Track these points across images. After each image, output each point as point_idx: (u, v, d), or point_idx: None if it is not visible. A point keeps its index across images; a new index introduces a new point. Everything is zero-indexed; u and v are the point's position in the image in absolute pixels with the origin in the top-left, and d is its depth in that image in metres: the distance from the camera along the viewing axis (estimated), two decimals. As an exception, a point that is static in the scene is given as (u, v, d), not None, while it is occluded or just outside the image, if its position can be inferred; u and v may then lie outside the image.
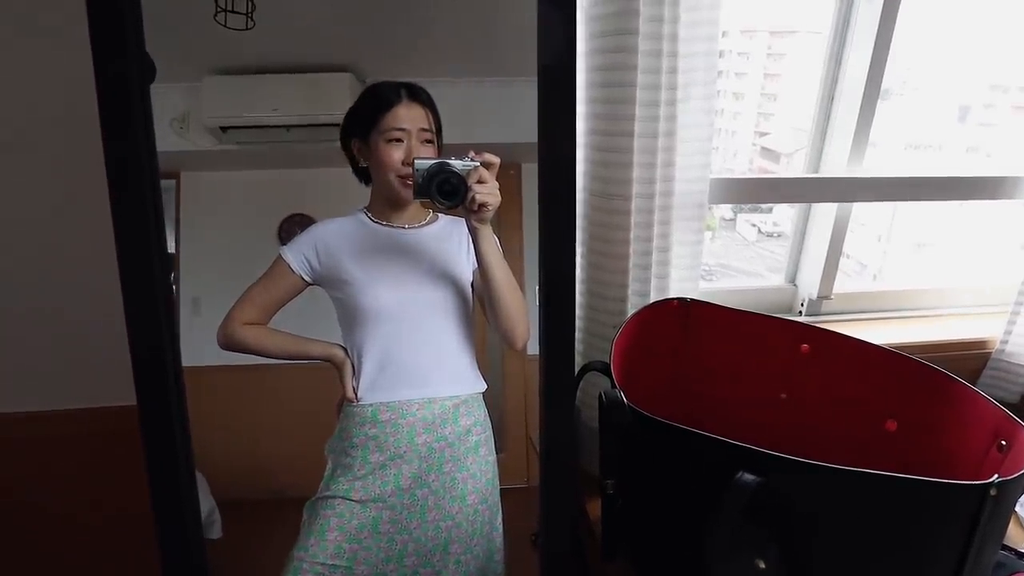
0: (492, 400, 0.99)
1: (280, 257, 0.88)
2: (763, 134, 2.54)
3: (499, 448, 0.98)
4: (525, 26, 0.73)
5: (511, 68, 0.91)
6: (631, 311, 1.01)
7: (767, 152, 2.47)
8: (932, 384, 0.82)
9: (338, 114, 0.93)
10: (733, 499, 0.62)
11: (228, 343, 0.88)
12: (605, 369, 0.85)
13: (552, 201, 0.73)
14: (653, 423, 0.71)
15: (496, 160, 0.80)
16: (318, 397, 1.02)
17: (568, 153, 0.72)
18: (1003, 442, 0.70)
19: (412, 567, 0.87)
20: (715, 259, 2.38)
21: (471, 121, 0.95)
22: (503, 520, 0.94)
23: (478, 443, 0.91)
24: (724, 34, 1.82)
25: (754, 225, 2.66)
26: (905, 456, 0.81)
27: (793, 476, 0.62)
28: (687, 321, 0.99)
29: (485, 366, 0.98)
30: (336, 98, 0.94)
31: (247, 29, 0.88)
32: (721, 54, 1.71)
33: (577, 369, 0.91)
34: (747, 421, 0.92)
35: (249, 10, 0.86)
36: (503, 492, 0.95)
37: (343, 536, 0.86)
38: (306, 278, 0.88)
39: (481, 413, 0.92)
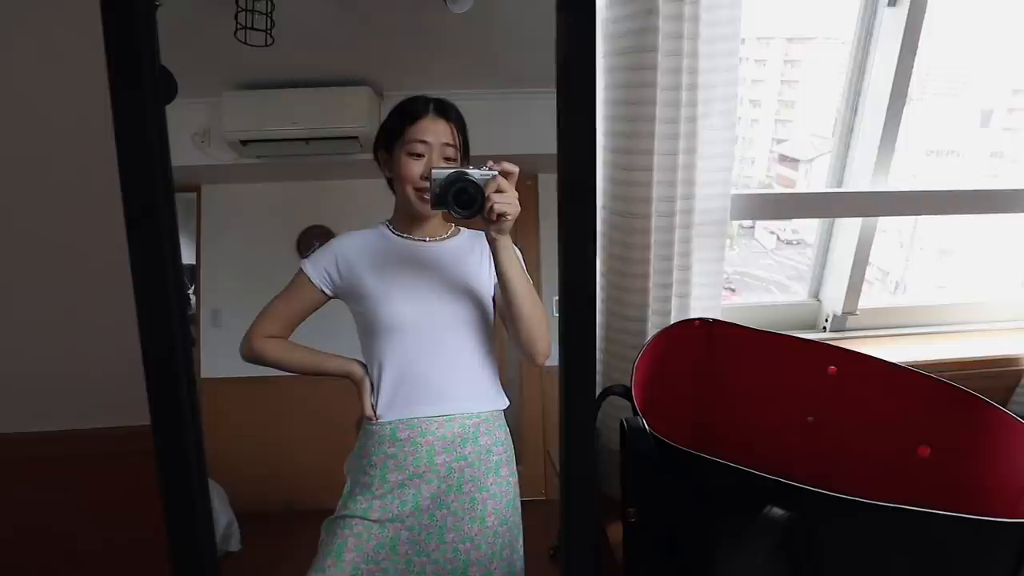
0: (510, 412, 0.97)
1: (301, 270, 0.87)
2: (781, 141, 2.51)
3: (518, 460, 0.96)
4: (543, 38, 0.73)
5: (528, 79, 0.90)
6: (652, 331, 0.99)
7: (785, 159, 2.44)
8: (967, 409, 0.79)
9: (355, 127, 0.95)
10: (761, 535, 0.60)
11: (250, 356, 0.88)
12: (626, 393, 0.83)
13: (571, 215, 0.71)
14: (677, 452, 0.69)
15: (515, 169, 0.79)
16: (337, 410, 1.02)
17: (587, 162, 0.71)
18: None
19: None
20: (733, 268, 2.35)
21: (489, 132, 0.95)
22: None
23: (499, 463, 0.89)
24: (741, 41, 1.81)
25: (773, 232, 2.62)
26: (939, 483, 0.79)
27: (824, 511, 0.60)
28: (710, 342, 0.97)
29: (503, 378, 0.96)
30: (353, 112, 0.95)
31: (267, 46, 0.89)
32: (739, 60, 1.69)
33: (598, 392, 0.89)
34: (773, 445, 0.90)
35: (268, 27, 0.88)
36: (522, 504, 0.93)
37: (360, 557, 0.84)
38: (327, 291, 0.87)
39: (502, 432, 0.90)
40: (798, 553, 0.61)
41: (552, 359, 0.90)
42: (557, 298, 0.89)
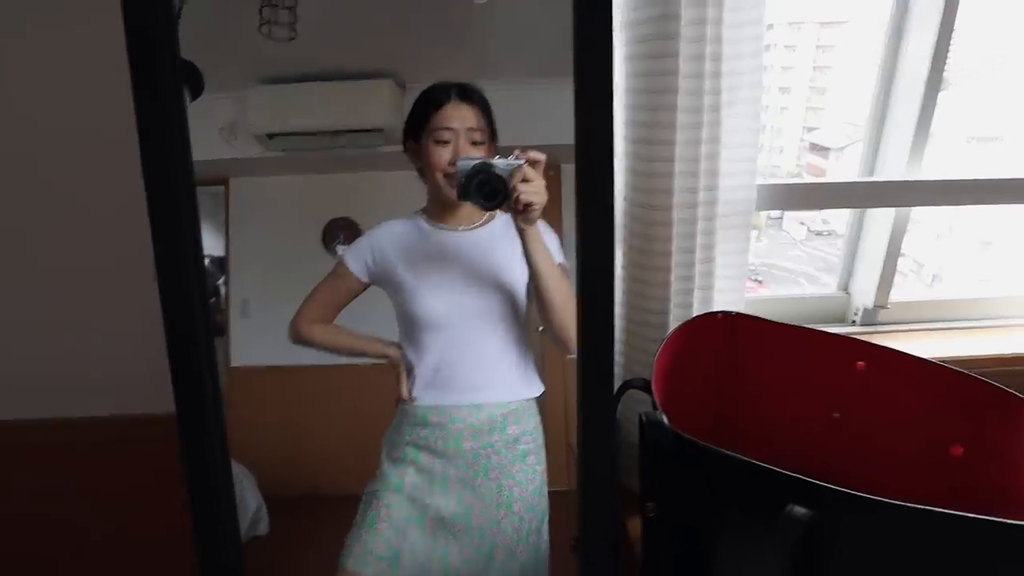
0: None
1: (341, 260, 0.91)
2: (811, 129, 2.44)
3: None
4: (564, 28, 0.72)
5: (551, 70, 0.87)
6: (673, 325, 0.97)
7: (816, 147, 2.37)
8: (1004, 408, 0.76)
9: (379, 120, 0.95)
10: (782, 534, 0.58)
11: (297, 340, 0.92)
12: (646, 387, 0.81)
13: (588, 206, 0.70)
14: (697, 448, 0.67)
15: (542, 157, 0.79)
16: (363, 399, 1.05)
17: (604, 153, 0.69)
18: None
19: (455, 569, 0.88)
20: (761, 259, 2.29)
21: (511, 123, 0.94)
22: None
23: (526, 452, 0.90)
24: (769, 27, 1.76)
25: (802, 223, 2.56)
26: (972, 484, 0.76)
27: (849, 511, 0.58)
28: (733, 336, 0.95)
29: None
30: (377, 104, 0.96)
31: (290, 40, 0.90)
32: (767, 48, 1.65)
33: (617, 385, 0.87)
34: (797, 441, 0.88)
35: (292, 21, 0.89)
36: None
37: (391, 528, 0.88)
38: (364, 280, 0.90)
39: (532, 422, 0.91)
40: (820, 553, 0.59)
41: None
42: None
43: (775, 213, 2.60)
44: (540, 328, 0.90)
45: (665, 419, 0.70)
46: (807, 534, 0.58)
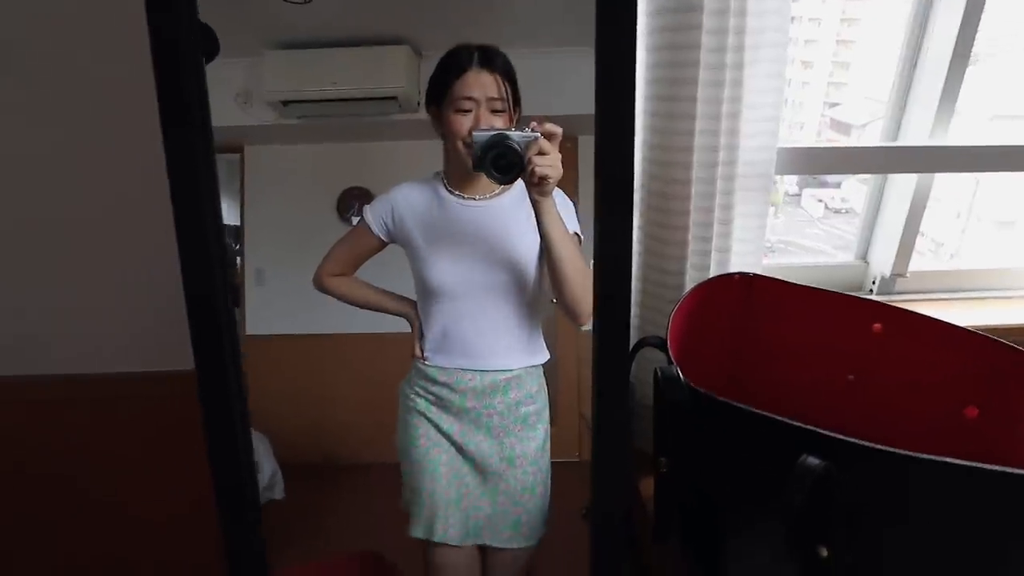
0: (545, 375, 0.99)
1: (361, 217, 0.92)
2: (833, 105, 2.39)
3: (552, 422, 0.98)
4: None
5: (569, 38, 0.88)
6: (689, 286, 0.97)
7: (837, 124, 2.33)
8: (1016, 367, 0.76)
9: (394, 87, 0.95)
10: (795, 484, 0.59)
11: (319, 288, 0.95)
12: (661, 345, 0.82)
13: (608, 167, 0.70)
14: (710, 401, 0.68)
15: (558, 131, 0.78)
16: (375, 367, 1.08)
17: (626, 122, 0.68)
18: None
19: (464, 509, 0.93)
20: (777, 236, 2.27)
21: (529, 92, 0.92)
22: (552, 493, 0.97)
23: (527, 414, 0.93)
24: None
25: (820, 200, 2.53)
26: (987, 446, 0.76)
27: (860, 461, 0.59)
28: (749, 297, 0.94)
29: None
30: (393, 71, 0.95)
31: (306, 2, 0.90)
32: (792, 20, 1.61)
33: (632, 344, 0.88)
34: (810, 404, 0.88)
35: None
36: (555, 465, 0.97)
37: (423, 481, 0.93)
38: (383, 238, 0.91)
39: (534, 385, 0.93)
40: (831, 504, 0.60)
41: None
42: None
43: (793, 190, 2.57)
44: (553, 299, 0.91)
45: (680, 373, 0.71)
46: (819, 485, 0.59)
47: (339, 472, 1.11)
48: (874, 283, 1.33)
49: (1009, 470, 0.54)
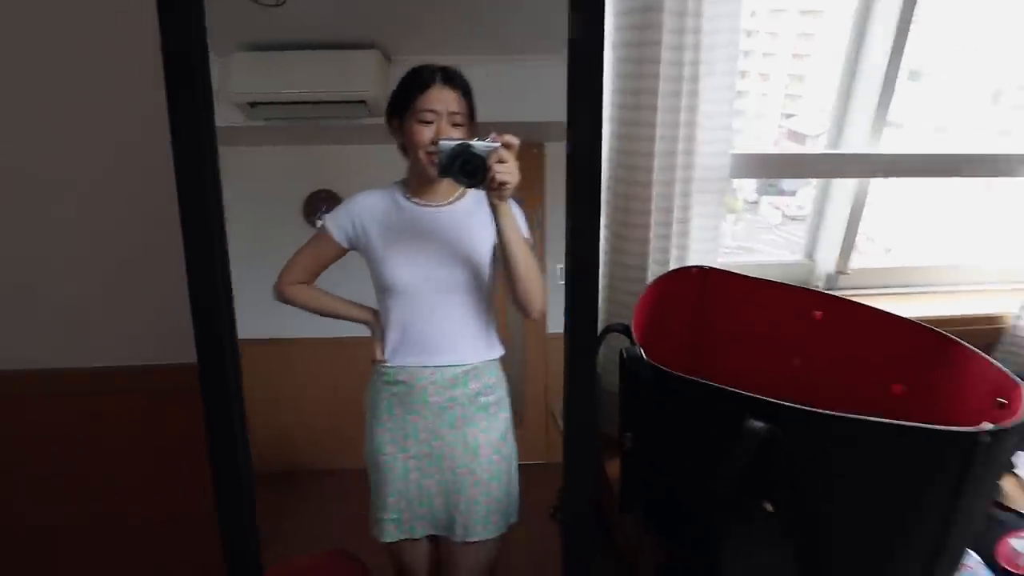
0: (512, 379, 1.03)
1: (323, 224, 0.95)
2: (789, 116, 2.51)
3: (518, 424, 1.03)
4: (552, 5, 0.76)
5: (537, 47, 0.92)
6: (651, 279, 1.06)
7: (793, 134, 2.45)
8: (937, 348, 0.86)
9: (363, 91, 0.97)
10: (743, 444, 0.68)
11: (280, 299, 0.97)
12: (626, 331, 0.89)
13: (578, 172, 0.78)
14: (670, 377, 0.76)
15: (516, 141, 0.85)
16: (337, 371, 1.09)
17: (594, 128, 0.76)
18: (1002, 400, 0.74)
19: (440, 507, 0.98)
20: (737, 242, 2.38)
21: (497, 99, 0.97)
22: (520, 493, 1.02)
23: (487, 403, 0.98)
24: (752, 13, 1.81)
25: (778, 208, 2.65)
26: (909, 418, 0.85)
27: (797, 423, 0.68)
28: (705, 289, 1.04)
29: (506, 346, 1.02)
30: (363, 75, 0.97)
31: (277, 5, 0.90)
32: (749, 33, 1.71)
33: (600, 330, 0.96)
34: (762, 385, 0.97)
35: None
36: (522, 467, 1.02)
37: (389, 490, 0.97)
38: (344, 245, 0.95)
39: (494, 377, 0.99)
40: (775, 463, 0.69)
41: (554, 325, 0.97)
42: (560, 266, 0.96)
43: (751, 198, 2.69)
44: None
45: (643, 353, 0.79)
46: (764, 445, 0.68)
47: (303, 479, 1.12)
48: (820, 280, 1.44)
49: (914, 424, 0.64)
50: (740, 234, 2.53)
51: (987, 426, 0.64)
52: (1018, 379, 0.75)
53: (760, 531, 0.74)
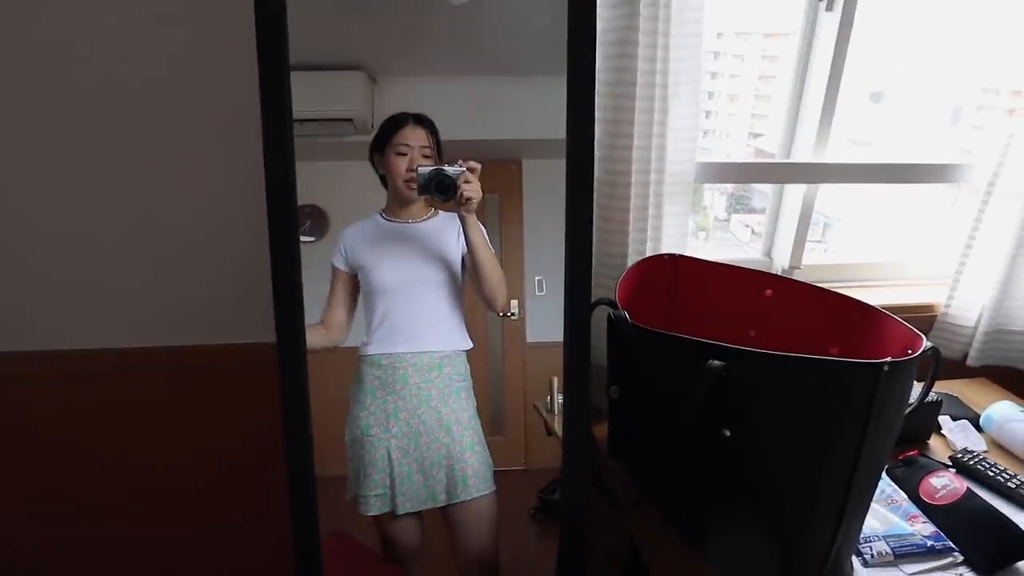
0: (492, 389, 1.19)
1: (333, 266, 1.14)
2: (757, 135, 2.72)
3: (498, 432, 1.18)
4: (531, 29, 0.89)
5: (516, 68, 1.07)
6: (630, 264, 1.25)
7: (760, 152, 2.67)
8: (862, 315, 1.05)
9: (350, 110, 1.08)
10: (703, 379, 0.86)
11: (329, 339, 1.14)
12: (612, 304, 1.08)
13: (576, 171, 0.98)
14: (647, 332, 0.95)
15: (478, 166, 1.07)
16: (328, 385, 1.13)
17: (589, 140, 0.97)
18: (910, 351, 0.94)
19: (420, 483, 1.13)
20: (709, 258, 2.57)
21: (478, 118, 1.11)
22: (502, 497, 1.16)
23: (459, 389, 1.15)
24: (720, 35, 2.00)
25: (747, 226, 2.86)
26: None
27: (745, 362, 0.86)
28: (675, 272, 1.23)
29: (486, 359, 1.19)
30: (349, 95, 1.08)
31: None
32: (716, 56, 1.91)
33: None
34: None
35: None
36: (503, 473, 1.16)
37: (375, 469, 1.12)
38: (346, 269, 1.14)
39: (463, 367, 1.15)
40: (729, 396, 0.87)
41: (532, 334, 1.16)
42: (539, 278, 1.16)
43: (722, 215, 2.90)
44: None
45: (627, 315, 0.98)
46: (720, 381, 0.86)
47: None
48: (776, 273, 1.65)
49: (832, 358, 0.83)
50: (712, 251, 2.70)
51: (887, 360, 0.83)
52: (920, 333, 0.94)
53: (720, 455, 0.92)
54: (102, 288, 1.28)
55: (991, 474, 1.15)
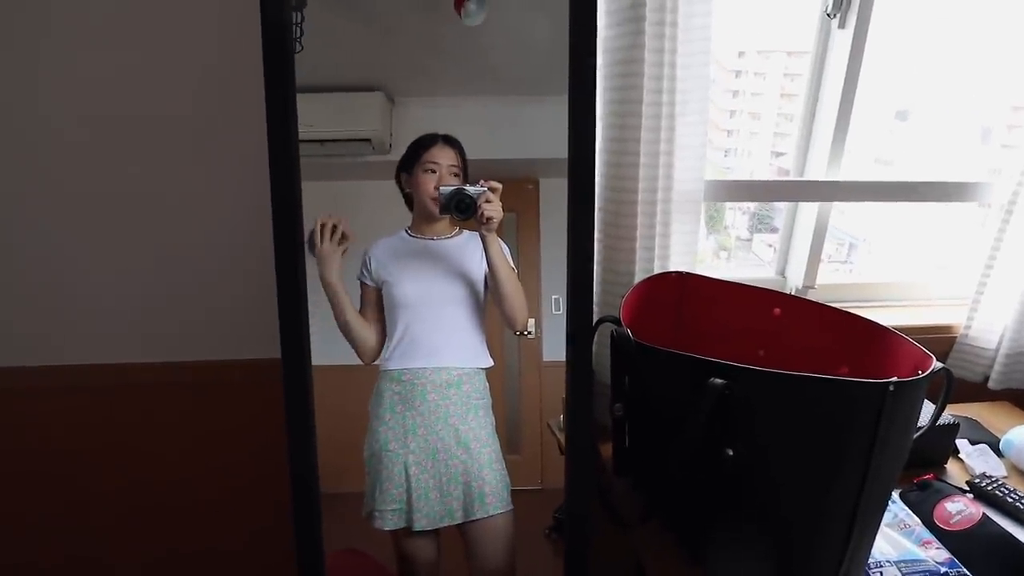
0: (508, 407, 1.18)
1: (360, 281, 1.15)
2: (780, 154, 2.69)
3: (515, 451, 1.18)
4: (546, 50, 0.90)
5: (532, 88, 1.09)
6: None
7: (783, 172, 2.65)
8: (873, 334, 1.04)
9: (368, 130, 1.10)
10: (705, 398, 0.85)
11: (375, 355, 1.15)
12: (616, 322, 1.08)
13: (577, 195, 0.99)
14: (650, 350, 0.94)
15: (499, 186, 1.07)
16: (344, 399, 1.17)
17: (589, 158, 0.98)
18: (920, 371, 0.92)
19: (436, 499, 1.12)
20: (730, 277, 2.54)
21: (495, 138, 1.13)
22: (517, 517, 1.15)
23: (477, 406, 1.14)
24: (741, 54, 1.99)
25: (770, 245, 2.83)
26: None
27: (746, 380, 0.85)
28: (683, 290, 1.22)
29: (503, 378, 1.18)
30: (368, 115, 1.10)
31: (297, 53, 0.98)
32: (738, 74, 1.91)
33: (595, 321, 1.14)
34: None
35: (298, 36, 0.98)
36: (519, 493, 1.15)
37: (392, 484, 1.12)
38: (372, 284, 1.15)
39: (482, 385, 1.15)
40: (732, 414, 0.86)
41: (548, 353, 1.17)
42: (556, 297, 1.16)
43: (744, 235, 2.88)
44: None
45: (630, 333, 0.97)
46: (723, 399, 0.85)
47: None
48: (790, 293, 1.63)
49: (837, 377, 0.82)
50: (734, 271, 2.67)
51: (893, 379, 0.81)
52: (930, 353, 0.92)
53: (725, 473, 0.90)
54: (108, 304, 1.30)
55: (1010, 500, 1.11)
